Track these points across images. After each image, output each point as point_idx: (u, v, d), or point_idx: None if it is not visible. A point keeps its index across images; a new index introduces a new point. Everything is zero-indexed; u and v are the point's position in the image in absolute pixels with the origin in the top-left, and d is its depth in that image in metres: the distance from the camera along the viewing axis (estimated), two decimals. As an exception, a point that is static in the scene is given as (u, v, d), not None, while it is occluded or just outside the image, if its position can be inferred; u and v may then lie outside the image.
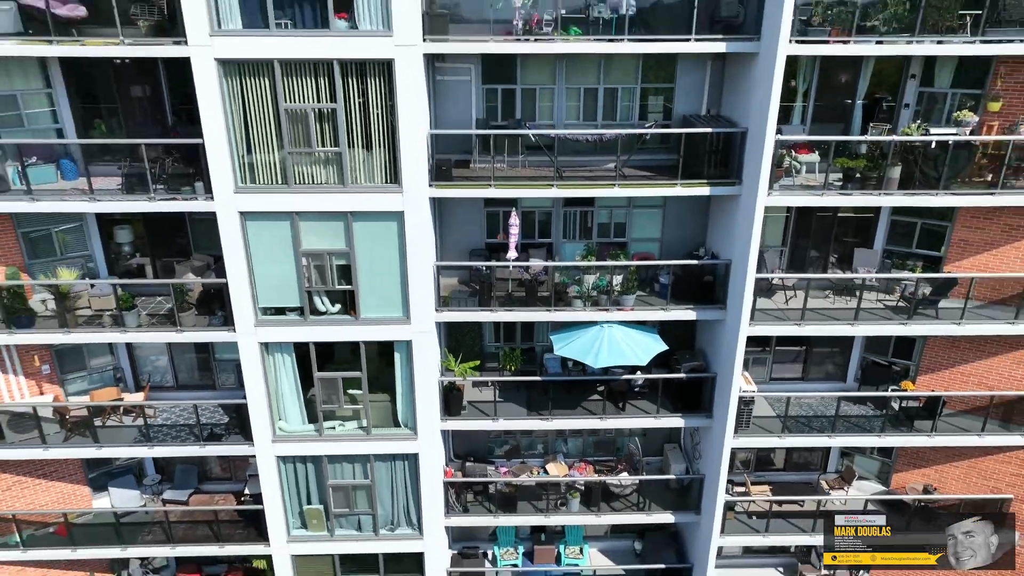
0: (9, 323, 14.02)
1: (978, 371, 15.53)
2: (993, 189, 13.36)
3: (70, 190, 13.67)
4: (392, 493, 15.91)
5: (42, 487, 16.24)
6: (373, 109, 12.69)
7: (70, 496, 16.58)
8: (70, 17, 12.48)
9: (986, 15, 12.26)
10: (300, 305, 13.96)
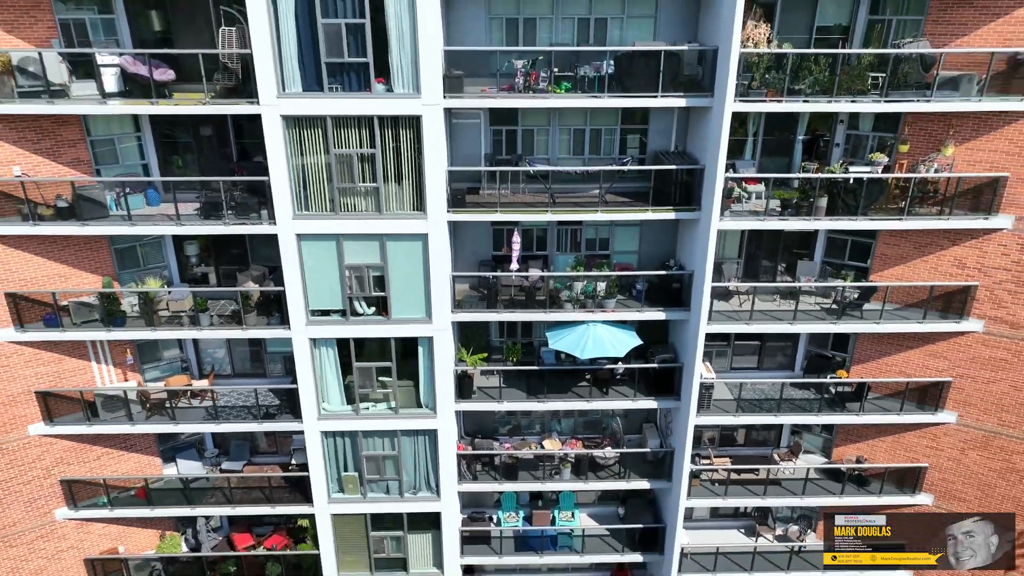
0: (107, 323, 17.29)
1: (898, 362, 18.80)
2: (901, 215, 16.60)
3: (158, 215, 16.90)
4: (415, 462, 19.22)
5: (124, 458, 19.55)
6: (404, 152, 15.93)
7: (145, 465, 19.89)
8: (162, 80, 15.68)
9: (889, 79, 15.46)
10: (343, 308, 17.22)
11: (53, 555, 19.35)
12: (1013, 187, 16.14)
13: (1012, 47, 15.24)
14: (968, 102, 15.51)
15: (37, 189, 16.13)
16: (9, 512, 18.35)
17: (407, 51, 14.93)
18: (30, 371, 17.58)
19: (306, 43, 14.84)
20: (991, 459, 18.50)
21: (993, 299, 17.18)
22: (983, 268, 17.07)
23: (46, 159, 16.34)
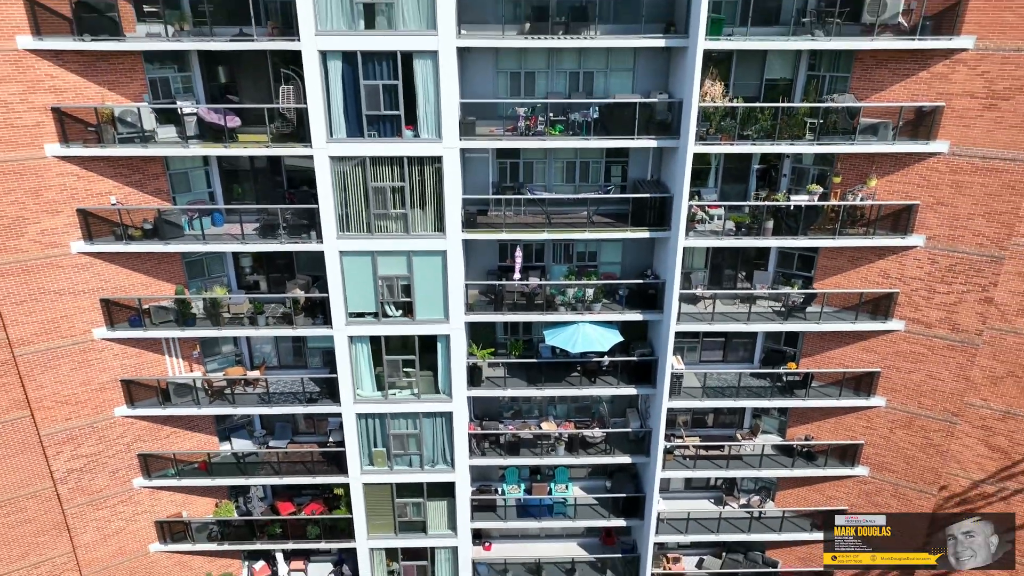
0: (180, 323, 20.96)
1: (838, 355, 22.47)
2: (835, 235, 20.25)
3: (224, 235, 20.55)
4: (433, 440, 22.91)
5: (188, 436, 23.24)
6: (427, 184, 19.58)
7: (205, 443, 23.58)
8: (231, 126, 19.31)
9: (821, 126, 19.11)
10: (375, 311, 20.89)
11: (130, 517, 23.07)
12: (923, 213, 19.79)
13: (918, 102, 18.87)
14: (885, 145, 19.15)
15: (128, 214, 19.78)
16: (97, 480, 22.06)
17: (431, 105, 18.57)
18: (116, 363, 21.26)
19: (350, 99, 18.48)
20: (913, 436, 22.20)
21: (911, 303, 20.85)
22: (903, 278, 20.73)
23: (135, 190, 19.98)
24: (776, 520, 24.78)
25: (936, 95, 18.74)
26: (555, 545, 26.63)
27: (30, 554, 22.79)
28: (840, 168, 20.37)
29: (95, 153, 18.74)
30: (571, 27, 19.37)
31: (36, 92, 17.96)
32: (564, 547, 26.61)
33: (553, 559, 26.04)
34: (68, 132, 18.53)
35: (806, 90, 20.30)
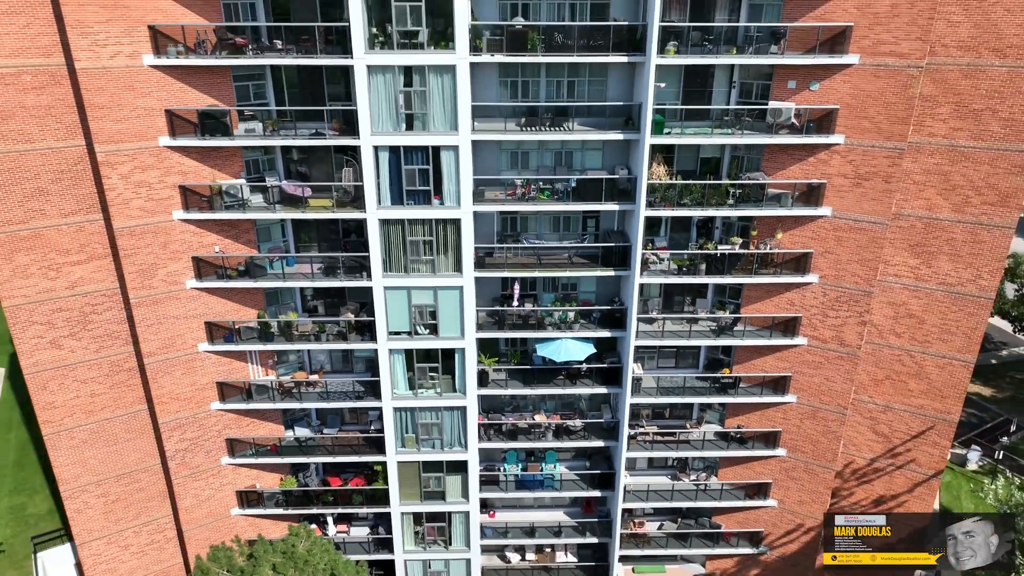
0: (262, 339, 27.90)
1: (761, 363, 29.41)
2: (751, 275, 27.21)
3: (296, 273, 27.49)
4: (451, 427, 29.84)
5: (262, 425, 30.18)
6: (449, 238, 26.52)
7: (274, 430, 30.53)
8: (305, 196, 26.26)
9: (739, 195, 26.08)
10: (409, 330, 27.82)
11: (218, 487, 30.01)
12: (816, 259, 26.76)
13: (808, 179, 25.84)
14: (786, 210, 26.12)
15: (227, 260, 26.73)
16: (196, 459, 29.00)
17: (453, 182, 25.53)
18: (213, 369, 28.21)
19: (394, 179, 25.44)
20: (816, 425, 29.17)
21: (810, 324, 27.83)
22: (804, 306, 27.71)
23: (232, 241, 26.92)
24: (718, 492, 31.77)
25: (821, 175, 25.73)
26: (546, 513, 33.62)
27: (142, 515, 29.81)
28: (756, 224, 27.32)
29: (207, 217, 25.71)
30: (555, 121, 26.35)
31: (169, 175, 24.92)
32: (553, 514, 33.60)
33: (544, 523, 33.06)
34: (189, 201, 25.47)
35: (730, 167, 27.27)
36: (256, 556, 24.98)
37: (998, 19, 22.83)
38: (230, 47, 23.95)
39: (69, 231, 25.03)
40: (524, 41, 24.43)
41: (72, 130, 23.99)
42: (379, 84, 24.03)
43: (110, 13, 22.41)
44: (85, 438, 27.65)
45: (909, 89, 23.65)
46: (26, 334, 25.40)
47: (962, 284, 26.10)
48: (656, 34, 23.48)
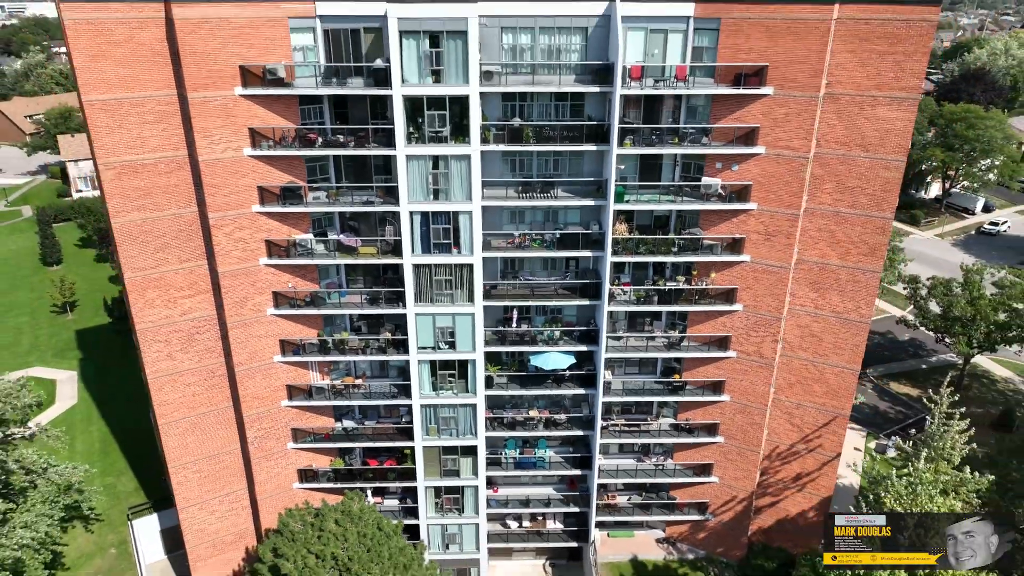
0: (321, 353, 36.66)
1: (703, 371, 38.22)
2: (692, 304, 36.00)
3: (347, 303, 36.27)
4: (464, 420, 38.64)
5: (317, 418, 38.97)
6: (464, 276, 35.30)
7: (327, 422, 39.32)
8: (355, 246, 35.04)
9: (683, 246, 34.87)
10: (434, 345, 36.62)
11: (284, 467, 38.82)
12: (740, 293, 35.56)
13: (733, 234, 34.62)
14: (716, 257, 34.92)
15: (296, 292, 35.52)
16: (268, 444, 37.80)
17: (467, 236, 34.31)
18: (283, 375, 36.99)
19: (424, 234, 34.21)
20: (745, 418, 37.99)
21: (738, 341, 36.63)
22: (733, 327, 36.50)
23: (300, 279, 35.67)
24: (673, 471, 40.59)
25: (741, 231, 34.54)
26: (538, 488, 42.47)
27: (225, 488, 38.63)
28: (696, 267, 36.14)
29: (284, 262, 34.51)
30: (544, 189, 35.13)
31: (258, 232, 33.72)
32: (543, 490, 42.45)
33: (536, 497, 41.91)
34: (271, 251, 34.26)
35: (676, 224, 36.05)
36: (322, 513, 33.82)
37: (861, 125, 31.64)
38: (304, 141, 32.76)
39: (183, 273, 33.85)
40: (520, 135, 33.25)
41: (190, 201, 32.80)
42: (414, 168, 32.85)
43: (223, 121, 31.20)
44: (187, 428, 36.47)
45: (800, 172, 32.48)
46: (151, 349, 34.23)
47: (847, 312, 34.93)
48: (616, 131, 32.30)
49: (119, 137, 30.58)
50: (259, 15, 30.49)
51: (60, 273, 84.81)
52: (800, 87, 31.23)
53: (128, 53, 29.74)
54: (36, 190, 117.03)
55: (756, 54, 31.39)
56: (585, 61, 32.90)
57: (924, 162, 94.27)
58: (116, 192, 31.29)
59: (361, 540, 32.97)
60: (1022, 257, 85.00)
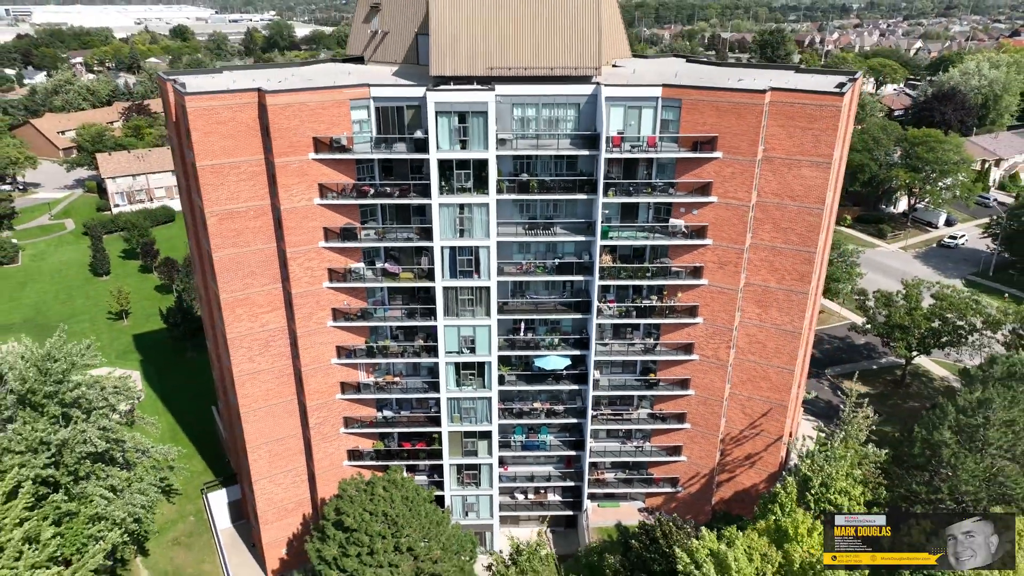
0: (368, 356, 46.18)
1: (673, 371, 47.66)
2: (664, 318, 45.46)
3: (391, 316, 45.72)
4: (482, 410, 48.10)
5: (363, 409, 48.42)
6: (483, 296, 44.75)
7: (371, 412, 48.78)
8: (397, 272, 44.51)
9: (655, 271, 44.34)
10: (458, 350, 46.06)
11: (337, 448, 48.32)
12: (700, 309, 45.01)
13: (694, 263, 44.06)
14: (682, 280, 44.37)
15: (349, 308, 44.97)
16: (325, 429, 47.28)
17: (486, 264, 43.75)
18: (338, 374, 46.46)
19: (452, 263, 43.66)
20: (707, 409, 47.46)
21: (700, 347, 46.11)
22: (695, 336, 45.97)
23: (353, 297, 45.11)
24: (651, 452, 50.07)
25: (701, 261, 43.99)
26: (540, 467, 51.95)
27: (288, 465, 48.12)
28: (667, 288, 45.59)
29: (341, 285, 43.98)
30: (546, 227, 44.60)
31: (323, 262, 43.16)
32: (545, 468, 51.94)
33: (539, 474, 51.40)
34: (332, 277, 43.72)
35: (650, 255, 45.47)
36: (372, 482, 43.29)
37: (790, 181, 41.07)
38: (359, 192, 42.23)
39: (263, 294, 43.31)
40: (527, 186, 42.72)
41: (271, 238, 42.25)
42: (445, 213, 42.30)
43: (299, 178, 40.66)
44: (262, 416, 45.93)
45: (745, 216, 41.92)
46: (237, 353, 43.65)
47: (784, 324, 44.38)
48: (601, 185, 41.76)
49: (221, 192, 40.05)
50: (328, 99, 39.99)
51: (109, 283, 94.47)
52: (742, 153, 40.69)
53: (230, 129, 39.22)
54: (75, 204, 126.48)
55: (709, 127, 40.85)
56: (577, 132, 42.43)
57: (891, 180, 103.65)
58: (218, 233, 40.75)
59: (404, 502, 42.42)
60: (975, 268, 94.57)
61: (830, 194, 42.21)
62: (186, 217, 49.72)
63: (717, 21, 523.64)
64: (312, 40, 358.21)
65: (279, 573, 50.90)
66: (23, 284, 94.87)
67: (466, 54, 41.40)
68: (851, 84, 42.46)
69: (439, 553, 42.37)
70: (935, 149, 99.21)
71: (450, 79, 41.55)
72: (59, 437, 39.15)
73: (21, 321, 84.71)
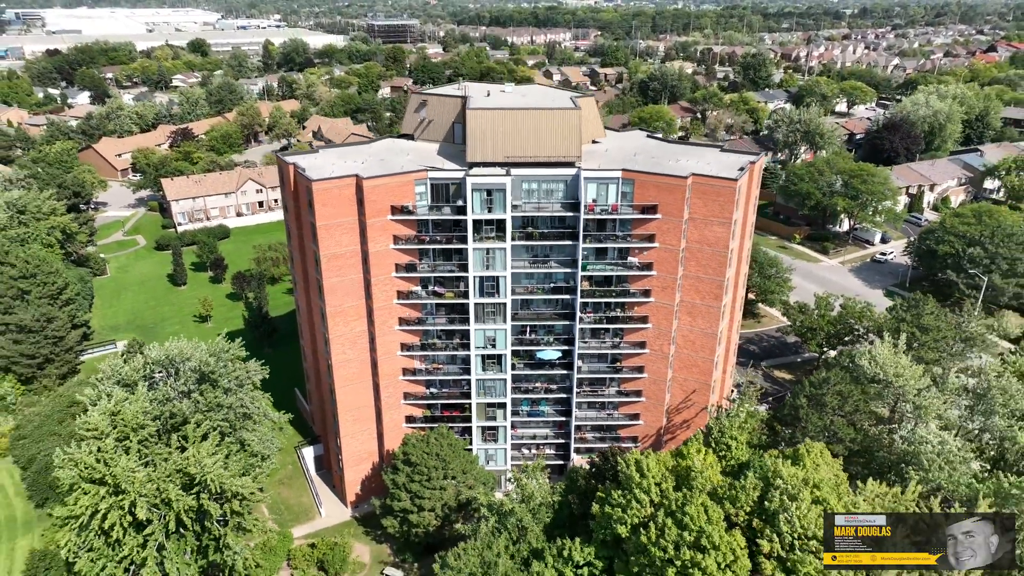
0: (422, 351, 67.01)
1: (633, 361, 68.50)
2: (627, 324, 66.30)
3: (435, 322, 66.61)
4: (499, 388, 68.97)
5: (416, 387, 69.28)
6: (500, 308, 65.64)
7: (421, 389, 69.67)
8: (443, 292, 65.31)
9: (619, 293, 65.16)
10: (484, 346, 66.91)
11: (398, 414, 69.24)
12: (650, 319, 65.81)
13: (645, 287, 64.87)
14: (637, 299, 65.18)
15: (409, 317, 65.80)
16: (392, 400, 68.17)
17: (504, 287, 64.58)
18: (401, 363, 67.31)
19: (481, 287, 64.46)
20: (657, 387, 68.38)
21: (651, 345, 66.93)
22: (648, 337, 66.80)
23: (412, 310, 65.96)
24: (619, 418, 70.98)
25: (649, 285, 64.80)
26: (540, 430, 72.92)
27: (363, 426, 69.12)
28: (627, 304, 66.38)
29: (405, 302, 64.82)
30: (544, 261, 65.44)
31: (393, 286, 63.99)
32: (543, 430, 72.94)
33: (539, 435, 72.42)
34: (399, 296, 64.57)
35: (615, 281, 66.22)
36: (426, 435, 64.17)
37: (706, 233, 61.81)
38: (419, 240, 63.07)
39: (354, 308, 64.12)
40: (532, 235, 63.55)
41: (360, 271, 63.10)
42: (477, 254, 63.14)
43: (380, 232, 61.52)
44: (349, 391, 66.82)
45: (677, 256, 62.71)
46: (336, 348, 64.51)
47: (706, 329, 65.20)
48: (581, 235, 62.57)
49: (331, 241, 60.86)
50: (400, 180, 60.86)
51: (186, 292, 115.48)
52: (675, 215, 61.44)
53: (338, 200, 60.04)
54: (142, 222, 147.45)
55: (652, 197, 61.61)
56: (564, 200, 63.25)
57: (833, 206, 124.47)
58: (327, 268, 61.56)
59: (448, 448, 63.24)
60: (896, 280, 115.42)
61: (733, 241, 63.06)
62: (293, 254, 70.50)
63: (711, 31, 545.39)
64: (324, 54, 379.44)
65: (354, 504, 71.84)
66: (118, 292, 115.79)
67: (491, 148, 62.20)
68: (749, 168, 63.27)
69: (473, 483, 63.28)
70: (867, 181, 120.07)
71: (480, 164, 62.36)
72: (228, 401, 59.99)
73: (124, 323, 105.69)
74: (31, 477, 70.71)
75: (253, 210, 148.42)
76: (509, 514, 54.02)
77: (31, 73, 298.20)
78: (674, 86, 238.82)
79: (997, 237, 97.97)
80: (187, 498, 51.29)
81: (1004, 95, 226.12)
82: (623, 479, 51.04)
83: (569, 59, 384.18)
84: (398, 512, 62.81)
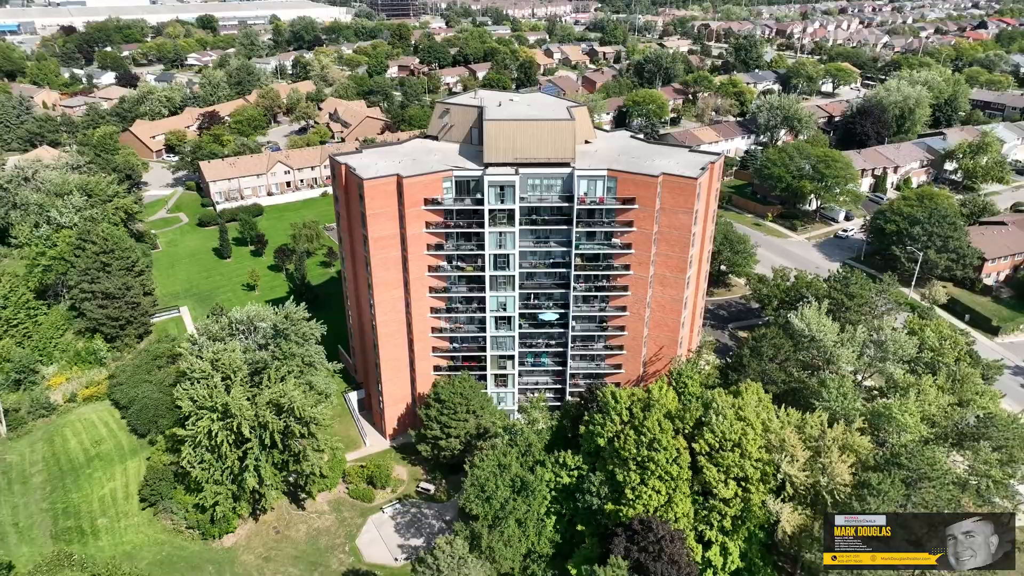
0: (447, 313, 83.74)
1: (616, 322, 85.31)
2: (611, 292, 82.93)
3: (457, 291, 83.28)
4: (509, 343, 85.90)
5: (442, 342, 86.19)
6: (511, 280, 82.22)
7: (446, 344, 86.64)
8: (464, 266, 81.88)
9: (606, 267, 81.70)
10: (497, 309, 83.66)
11: (427, 365, 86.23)
12: (630, 287, 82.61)
13: (626, 263, 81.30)
14: (620, 272, 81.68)
15: (437, 286, 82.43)
16: (422, 353, 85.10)
17: (513, 263, 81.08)
18: (430, 323, 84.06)
19: (495, 263, 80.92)
20: (635, 343, 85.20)
21: (631, 308, 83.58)
22: (628, 302, 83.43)
23: (439, 280, 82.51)
24: (607, 367, 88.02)
25: (629, 261, 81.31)
26: (542, 377, 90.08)
27: (400, 374, 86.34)
28: (611, 276, 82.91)
29: (434, 275, 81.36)
30: (545, 242, 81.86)
31: (425, 261, 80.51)
32: (544, 378, 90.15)
33: (541, 381, 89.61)
34: (429, 270, 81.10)
35: (602, 257, 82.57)
36: (452, 379, 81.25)
37: (674, 220, 78.13)
38: (446, 225, 79.36)
39: (394, 279, 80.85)
40: (536, 221, 79.83)
41: (398, 249, 79.49)
42: (492, 236, 79.42)
43: (415, 219, 77.77)
44: (389, 346, 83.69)
45: (651, 238, 79.06)
46: (380, 311, 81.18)
47: (674, 296, 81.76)
48: (575, 221, 78.82)
49: (377, 226, 77.14)
50: (432, 178, 77.00)
51: (232, 264, 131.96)
52: (649, 205, 77.59)
53: (381, 194, 76.19)
54: (182, 200, 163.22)
55: (631, 191, 77.71)
56: (561, 193, 79.34)
57: (802, 188, 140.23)
58: (374, 247, 77.97)
59: (469, 388, 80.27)
60: (853, 254, 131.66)
61: (696, 226, 79.27)
62: (342, 235, 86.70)
63: (710, 4, 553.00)
64: (331, 30, 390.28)
65: (391, 436, 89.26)
66: (171, 264, 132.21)
67: (503, 150, 78.13)
68: (709, 167, 79.25)
69: (489, 417, 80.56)
70: (831, 165, 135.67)
71: (494, 164, 78.29)
72: (299, 351, 76.92)
73: (182, 291, 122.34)
74: (133, 415, 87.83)
75: (282, 189, 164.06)
76: (519, 433, 71.20)
77: (51, 52, 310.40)
78: (668, 68, 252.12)
79: (934, 218, 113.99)
80: (279, 421, 68.46)
81: (980, 76, 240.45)
82: (601, 406, 68.10)
83: (569, 35, 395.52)
84: (430, 439, 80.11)
